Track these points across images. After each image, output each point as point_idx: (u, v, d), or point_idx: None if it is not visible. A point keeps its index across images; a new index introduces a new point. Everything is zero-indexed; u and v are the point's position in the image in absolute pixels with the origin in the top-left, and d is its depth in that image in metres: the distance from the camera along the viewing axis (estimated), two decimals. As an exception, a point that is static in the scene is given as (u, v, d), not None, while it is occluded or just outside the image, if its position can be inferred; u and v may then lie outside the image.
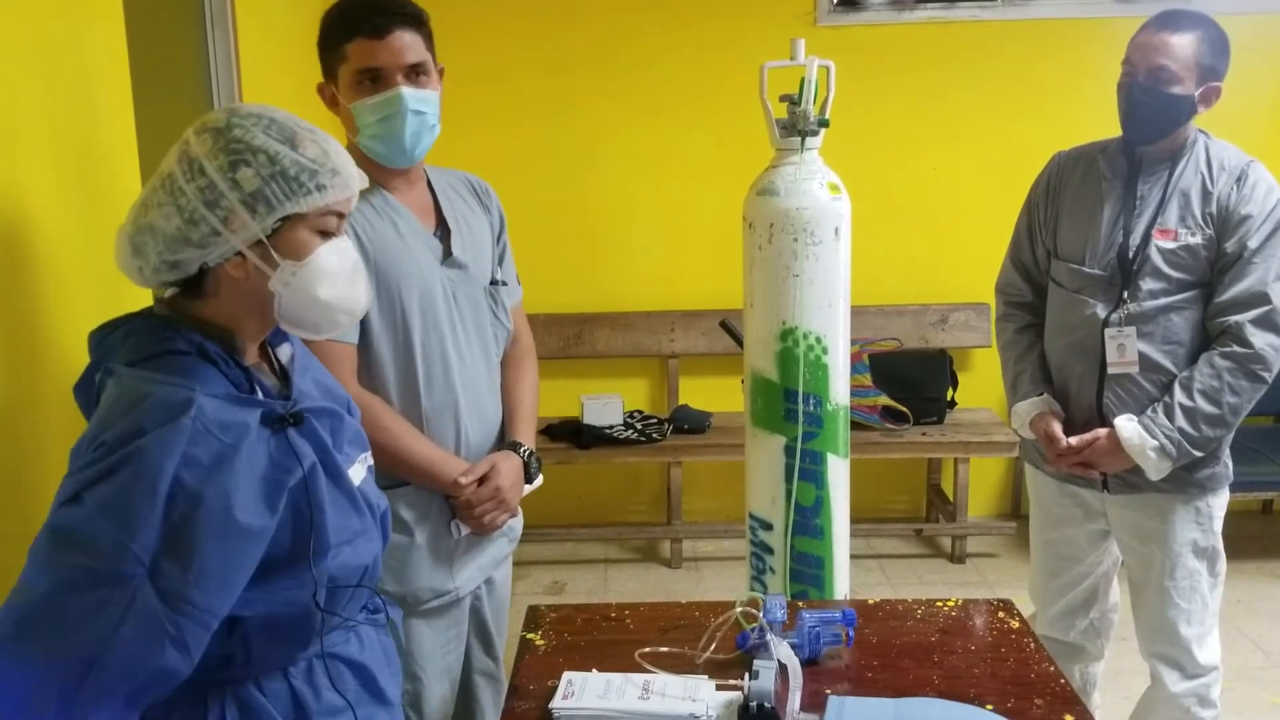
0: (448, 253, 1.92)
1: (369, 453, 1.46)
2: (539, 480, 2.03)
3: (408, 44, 1.81)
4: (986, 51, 4.22)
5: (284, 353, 1.41)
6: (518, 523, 2.10)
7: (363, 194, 1.83)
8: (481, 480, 1.91)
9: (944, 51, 4.22)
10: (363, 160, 1.87)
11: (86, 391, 1.29)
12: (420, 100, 1.82)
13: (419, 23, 1.84)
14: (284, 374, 1.39)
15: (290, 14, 3.71)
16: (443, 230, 1.94)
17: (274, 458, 1.24)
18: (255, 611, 1.25)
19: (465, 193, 2.04)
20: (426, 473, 1.88)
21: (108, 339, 1.29)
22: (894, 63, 4.21)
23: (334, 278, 1.31)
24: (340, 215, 1.32)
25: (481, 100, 4.16)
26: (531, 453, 2.01)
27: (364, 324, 1.83)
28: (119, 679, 1.11)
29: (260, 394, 1.29)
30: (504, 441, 2.02)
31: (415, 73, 1.82)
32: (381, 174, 1.88)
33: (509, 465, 1.96)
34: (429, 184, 1.98)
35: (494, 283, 2.01)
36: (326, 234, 1.30)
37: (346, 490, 1.35)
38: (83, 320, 1.79)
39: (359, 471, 1.40)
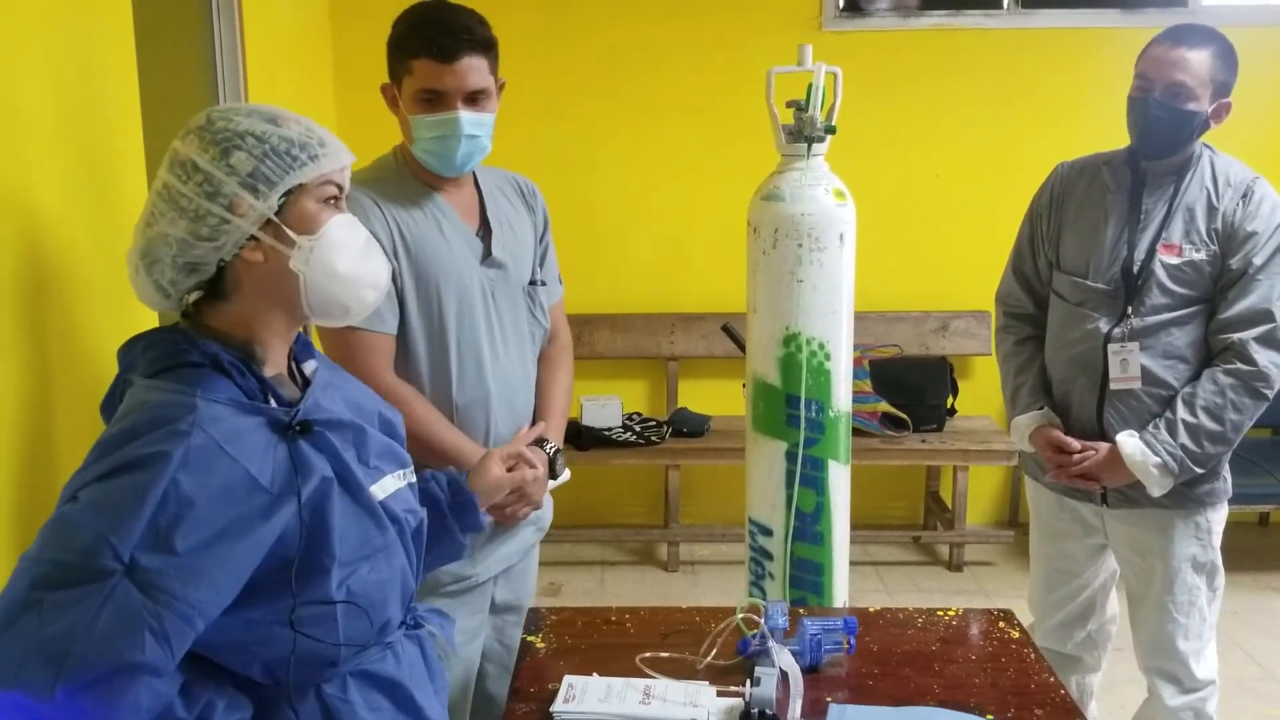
0: (488, 252, 1.96)
1: (409, 469, 1.46)
2: (565, 475, 2.04)
3: (473, 68, 1.82)
4: (991, 59, 4.23)
5: (310, 368, 1.41)
6: (547, 514, 2.14)
7: (410, 196, 1.90)
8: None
9: (949, 59, 4.23)
10: (414, 163, 1.93)
11: (111, 407, 1.29)
12: (476, 124, 1.85)
13: (487, 47, 1.85)
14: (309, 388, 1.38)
15: (297, 11, 3.72)
16: (485, 230, 1.98)
17: (279, 467, 1.23)
18: (259, 635, 1.25)
19: (511, 193, 2.07)
20: (453, 460, 1.88)
21: (130, 353, 1.30)
22: (898, 69, 4.22)
23: (349, 249, 1.32)
24: (339, 186, 1.33)
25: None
26: (557, 449, 2.03)
27: (402, 317, 1.88)
28: (95, 670, 1.08)
29: (274, 403, 1.28)
30: None
31: (475, 98, 1.85)
32: (431, 176, 1.93)
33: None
34: (476, 183, 2.02)
35: (533, 282, 2.05)
36: (331, 205, 1.32)
37: (366, 505, 1.32)
38: (91, 319, 1.79)
39: (389, 485, 1.38)
